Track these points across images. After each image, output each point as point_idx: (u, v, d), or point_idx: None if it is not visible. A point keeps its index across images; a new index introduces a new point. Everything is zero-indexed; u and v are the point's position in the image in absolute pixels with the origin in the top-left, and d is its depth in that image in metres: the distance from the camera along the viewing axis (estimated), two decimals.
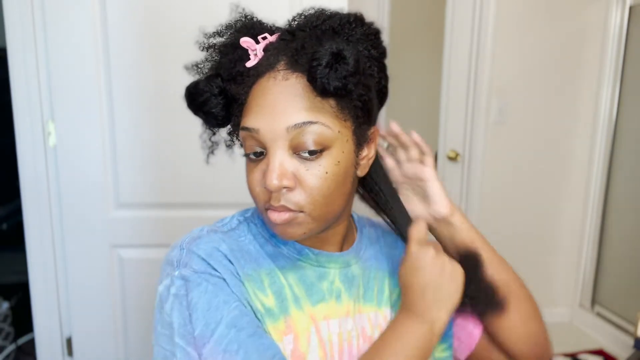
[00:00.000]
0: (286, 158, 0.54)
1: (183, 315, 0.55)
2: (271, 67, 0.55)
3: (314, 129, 0.53)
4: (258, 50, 0.57)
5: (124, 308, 1.61)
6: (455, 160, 2.60)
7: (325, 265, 0.64)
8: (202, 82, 0.58)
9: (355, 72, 0.52)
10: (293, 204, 0.55)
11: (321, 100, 0.54)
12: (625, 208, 2.45)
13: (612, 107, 2.45)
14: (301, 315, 0.60)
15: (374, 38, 0.60)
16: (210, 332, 0.53)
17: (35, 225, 1.54)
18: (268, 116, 0.54)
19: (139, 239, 1.56)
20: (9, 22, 1.44)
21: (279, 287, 0.60)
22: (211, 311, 0.54)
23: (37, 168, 1.51)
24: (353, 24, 0.58)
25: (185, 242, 0.59)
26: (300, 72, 0.54)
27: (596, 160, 2.53)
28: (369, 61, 0.59)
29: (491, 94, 2.44)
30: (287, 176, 0.54)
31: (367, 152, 0.62)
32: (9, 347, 2.09)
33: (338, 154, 0.55)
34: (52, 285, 1.59)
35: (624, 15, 2.37)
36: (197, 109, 0.59)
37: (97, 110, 1.48)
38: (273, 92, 0.54)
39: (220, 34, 0.61)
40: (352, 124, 0.57)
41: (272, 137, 0.54)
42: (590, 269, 2.61)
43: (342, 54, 0.51)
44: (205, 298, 0.54)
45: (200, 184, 1.52)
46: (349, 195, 0.60)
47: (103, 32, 1.44)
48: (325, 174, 0.55)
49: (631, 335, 2.30)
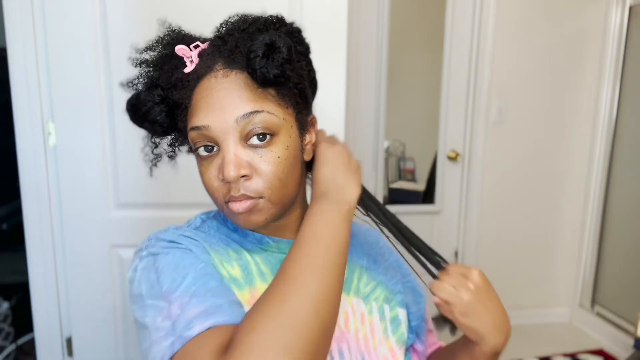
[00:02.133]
0: (239, 149, 0.57)
1: (150, 279, 0.57)
2: (210, 69, 0.59)
3: (261, 118, 0.57)
4: (193, 56, 0.60)
5: (124, 308, 1.61)
6: (455, 160, 2.61)
7: (285, 251, 0.67)
8: (144, 93, 0.61)
9: (290, 59, 0.56)
10: (252, 191, 0.58)
11: (262, 90, 0.58)
12: (625, 208, 2.45)
13: (612, 107, 2.45)
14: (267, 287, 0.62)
15: (297, 35, 0.64)
16: (178, 284, 0.55)
17: (35, 225, 1.54)
18: (216, 112, 0.57)
19: (139, 239, 1.55)
20: (9, 22, 1.44)
21: (245, 262, 0.64)
22: (178, 270, 0.56)
23: (37, 168, 1.51)
24: (277, 24, 0.62)
25: (153, 233, 0.64)
26: (237, 69, 0.58)
27: (596, 160, 2.53)
28: (297, 56, 0.62)
29: (491, 94, 2.44)
30: (243, 165, 0.57)
31: (310, 138, 0.66)
32: (9, 347, 2.09)
33: (286, 139, 0.59)
34: (52, 285, 1.59)
35: (624, 15, 2.37)
36: (142, 119, 0.62)
37: (97, 110, 1.48)
38: (217, 89, 0.57)
39: (151, 48, 0.64)
40: (294, 111, 0.61)
41: (223, 131, 0.57)
42: (590, 269, 2.61)
43: (276, 44, 0.55)
44: (173, 261, 0.57)
45: (200, 185, 1.52)
46: (301, 178, 0.65)
47: (103, 32, 1.44)
48: (278, 159, 0.58)
49: (631, 335, 2.30)
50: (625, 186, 2.44)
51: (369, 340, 0.69)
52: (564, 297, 2.73)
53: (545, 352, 2.37)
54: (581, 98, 2.52)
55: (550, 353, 2.36)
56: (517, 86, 2.45)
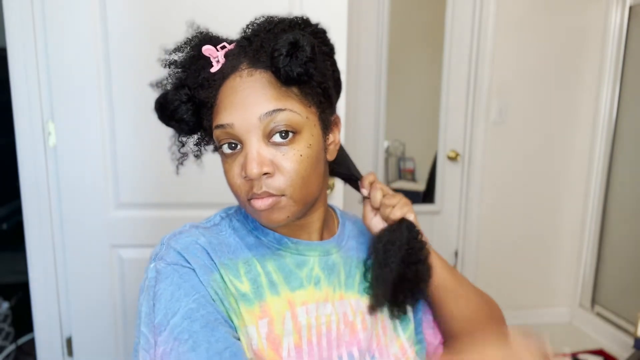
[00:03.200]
0: (262, 147, 0.58)
1: (149, 305, 0.58)
2: (235, 69, 0.59)
3: (284, 116, 0.57)
4: (220, 57, 0.61)
5: (124, 308, 1.61)
6: (455, 160, 2.61)
7: (304, 253, 0.67)
8: (171, 93, 0.62)
9: (313, 57, 0.56)
10: (274, 188, 0.58)
11: (286, 89, 0.58)
12: (625, 208, 2.45)
13: (612, 107, 2.45)
14: (277, 301, 0.63)
15: (322, 36, 0.65)
16: (167, 322, 0.56)
17: (35, 225, 1.54)
18: (240, 110, 0.57)
19: (138, 239, 1.56)
20: (9, 22, 1.44)
21: (254, 275, 0.63)
22: (172, 302, 0.57)
23: (37, 168, 1.51)
24: (302, 25, 0.63)
25: (167, 237, 0.64)
26: (262, 68, 0.58)
27: (596, 160, 2.53)
28: (322, 55, 0.63)
29: (491, 94, 2.44)
30: (266, 163, 0.57)
31: (333, 138, 0.67)
32: (9, 347, 2.09)
33: (309, 137, 0.60)
34: (52, 285, 1.59)
35: (624, 15, 2.37)
36: (169, 118, 0.63)
37: (97, 110, 1.48)
38: (241, 88, 0.58)
39: (179, 49, 0.64)
40: (317, 110, 0.61)
41: (246, 129, 0.57)
42: (590, 269, 2.61)
43: (299, 43, 0.55)
44: (170, 290, 0.58)
45: (200, 185, 1.52)
46: (323, 177, 0.65)
47: (103, 32, 1.44)
48: (300, 157, 0.59)
49: (631, 335, 2.30)
50: (625, 186, 2.44)
51: (380, 338, 0.69)
52: (564, 297, 2.73)
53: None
54: (581, 98, 2.52)
55: None
56: (517, 86, 2.45)
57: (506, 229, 2.61)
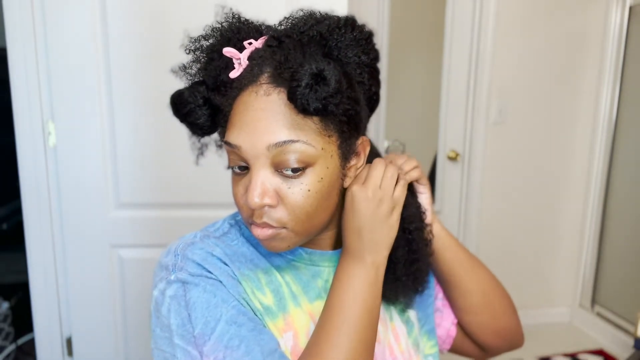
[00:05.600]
0: (268, 175, 0.53)
1: (181, 316, 0.55)
2: (254, 81, 0.54)
3: (295, 148, 0.52)
4: (242, 59, 0.55)
5: (124, 308, 1.61)
6: (455, 160, 2.61)
7: (318, 264, 0.64)
8: (186, 92, 0.57)
9: (337, 92, 0.50)
10: (275, 220, 0.54)
11: (304, 117, 0.52)
12: (625, 208, 2.45)
13: (612, 107, 2.45)
14: (300, 313, 0.61)
15: (364, 43, 0.59)
16: (211, 330, 0.53)
17: (35, 225, 1.54)
18: (250, 134, 0.52)
19: (138, 239, 1.56)
20: (9, 22, 1.44)
21: (276, 285, 0.61)
22: (210, 309, 0.54)
23: (37, 168, 1.51)
24: (343, 29, 0.56)
25: (180, 247, 0.59)
26: (282, 87, 0.52)
27: (596, 160, 2.53)
28: (359, 68, 0.58)
29: (491, 94, 2.44)
30: (269, 194, 0.53)
31: (356, 162, 0.61)
32: (9, 347, 2.09)
33: (321, 170, 0.54)
34: (52, 285, 1.59)
35: (624, 15, 2.37)
36: (182, 119, 0.59)
37: (97, 110, 1.48)
38: (255, 107, 0.53)
39: (206, 37, 0.59)
40: (338, 139, 0.55)
41: (253, 155, 0.53)
42: (590, 269, 2.61)
43: (323, 75, 0.49)
44: (204, 297, 0.55)
45: (200, 185, 1.52)
46: (334, 207, 0.59)
47: (103, 32, 1.44)
48: (308, 192, 0.54)
49: (631, 335, 2.30)
50: (625, 186, 2.44)
51: (393, 347, 0.68)
52: (564, 297, 2.73)
53: (545, 352, 2.37)
54: (581, 98, 2.52)
55: (550, 353, 2.36)
56: (517, 86, 2.45)
57: (506, 229, 2.61)
